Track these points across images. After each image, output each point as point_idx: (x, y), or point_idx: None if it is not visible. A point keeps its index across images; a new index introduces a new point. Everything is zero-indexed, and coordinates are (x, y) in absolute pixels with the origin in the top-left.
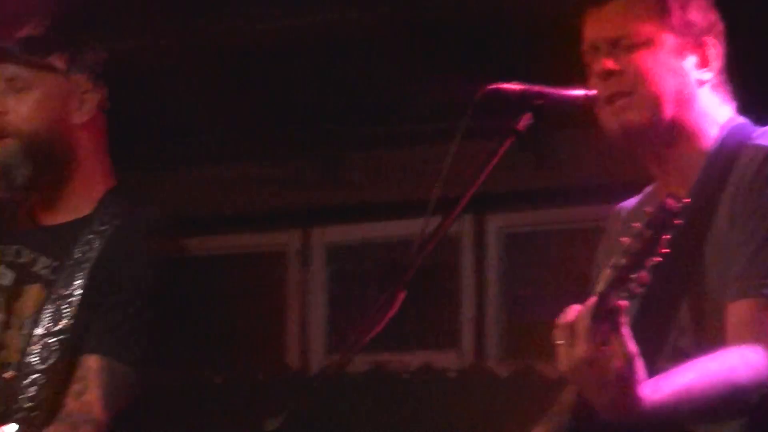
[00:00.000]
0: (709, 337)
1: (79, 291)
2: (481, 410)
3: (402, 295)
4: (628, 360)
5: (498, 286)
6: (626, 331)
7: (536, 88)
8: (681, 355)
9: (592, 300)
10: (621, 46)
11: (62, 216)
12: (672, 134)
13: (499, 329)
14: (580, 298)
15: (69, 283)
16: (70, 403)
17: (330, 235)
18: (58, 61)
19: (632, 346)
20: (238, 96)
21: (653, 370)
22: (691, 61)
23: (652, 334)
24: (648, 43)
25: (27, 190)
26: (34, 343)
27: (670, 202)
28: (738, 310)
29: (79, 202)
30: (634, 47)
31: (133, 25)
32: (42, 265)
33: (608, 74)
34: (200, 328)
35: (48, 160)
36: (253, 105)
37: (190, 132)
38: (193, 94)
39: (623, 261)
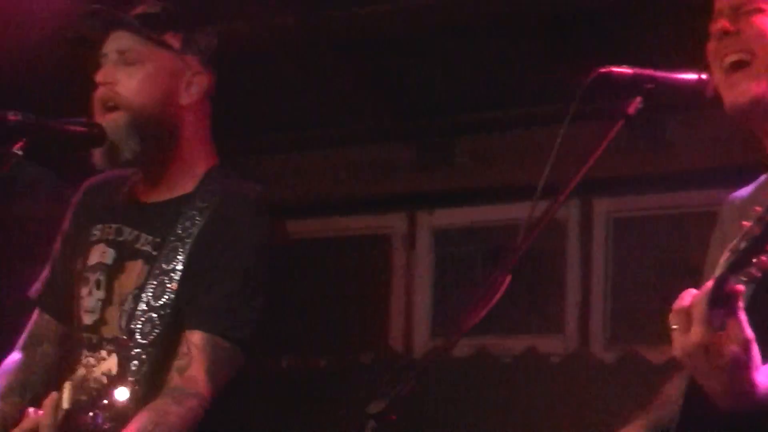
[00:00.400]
0: None
1: (181, 266)
2: (584, 396)
3: (507, 279)
4: (745, 345)
5: (604, 271)
6: (743, 315)
7: (647, 71)
8: None
9: (709, 284)
10: (742, 11)
11: (163, 194)
12: None
13: (604, 315)
14: (687, 284)
15: (171, 259)
16: (175, 378)
17: (436, 219)
18: (172, 40)
19: (749, 332)
20: (348, 81)
21: (765, 357)
22: None
23: (765, 319)
24: (763, 9)
25: (132, 165)
26: (137, 318)
27: None
28: None
29: (181, 180)
30: (754, 12)
31: (252, 6)
32: (144, 241)
33: (724, 34)
34: (305, 311)
35: (154, 136)
36: (362, 90)
37: (299, 117)
38: (304, 80)
39: (743, 245)
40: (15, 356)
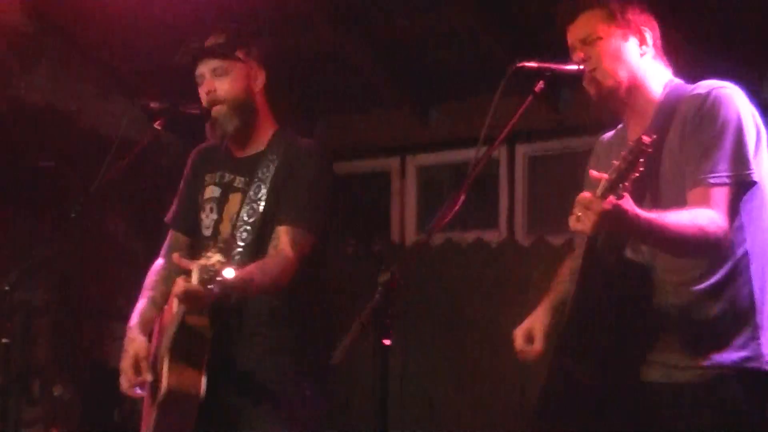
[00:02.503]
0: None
1: (265, 196)
2: (511, 268)
3: (463, 196)
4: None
5: (523, 188)
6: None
7: (546, 64)
8: None
9: (603, 183)
10: (587, 42)
11: (247, 151)
12: (629, 92)
13: (523, 216)
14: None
15: (257, 192)
16: (270, 251)
17: (419, 160)
18: (240, 54)
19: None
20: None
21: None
22: (633, 41)
23: None
24: (601, 36)
25: (233, 135)
26: (238, 228)
27: (645, 138)
28: (693, 195)
29: (258, 140)
30: (594, 41)
31: None
32: (238, 181)
33: (582, 61)
34: (337, 216)
35: (245, 115)
36: (369, 72)
37: (330, 90)
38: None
39: (614, 176)
40: (159, 261)
